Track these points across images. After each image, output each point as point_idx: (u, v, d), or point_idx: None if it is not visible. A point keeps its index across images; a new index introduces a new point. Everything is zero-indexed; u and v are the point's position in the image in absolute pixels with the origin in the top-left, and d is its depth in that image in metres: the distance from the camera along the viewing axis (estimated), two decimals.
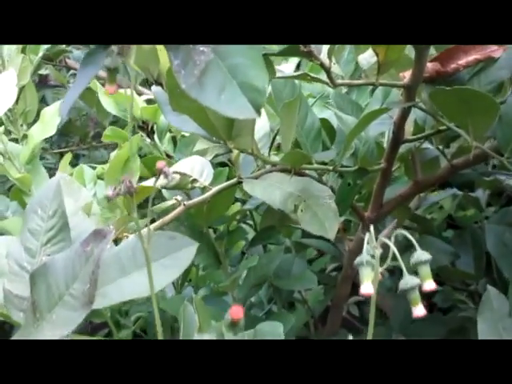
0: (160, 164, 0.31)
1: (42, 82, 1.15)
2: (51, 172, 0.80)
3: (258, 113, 0.30)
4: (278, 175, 0.56)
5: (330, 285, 0.87)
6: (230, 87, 0.30)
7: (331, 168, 0.58)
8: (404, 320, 0.79)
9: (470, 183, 0.66)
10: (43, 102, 1.44)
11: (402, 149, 0.68)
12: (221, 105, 0.30)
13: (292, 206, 0.51)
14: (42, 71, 1.14)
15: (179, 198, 0.58)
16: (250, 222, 0.86)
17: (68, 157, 0.68)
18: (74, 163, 1.46)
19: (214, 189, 0.54)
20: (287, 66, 0.63)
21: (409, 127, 0.66)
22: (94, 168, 0.67)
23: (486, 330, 0.49)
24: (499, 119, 0.45)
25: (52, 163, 1.25)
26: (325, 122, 0.61)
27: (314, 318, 0.87)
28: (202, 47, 0.31)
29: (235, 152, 0.55)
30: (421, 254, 0.35)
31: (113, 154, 0.67)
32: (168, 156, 0.70)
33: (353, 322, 1.10)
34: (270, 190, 0.53)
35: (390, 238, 0.80)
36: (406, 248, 0.78)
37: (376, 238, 0.80)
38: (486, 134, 0.46)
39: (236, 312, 0.37)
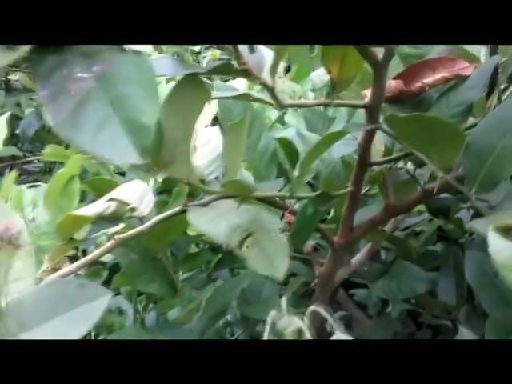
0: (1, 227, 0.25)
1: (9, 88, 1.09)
2: None
3: (143, 156, 0.24)
4: (229, 202, 0.50)
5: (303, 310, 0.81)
6: (111, 124, 0.24)
7: (287, 195, 0.52)
8: None
9: (446, 210, 0.60)
10: (18, 106, 1.39)
11: (375, 170, 0.63)
12: (97, 146, 0.24)
13: (237, 241, 0.45)
14: (12, 77, 1.09)
15: (121, 225, 0.52)
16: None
17: (12, 176, 0.62)
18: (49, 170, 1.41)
19: (155, 219, 0.48)
20: (239, 82, 0.57)
21: (380, 147, 0.60)
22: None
23: None
24: (466, 148, 0.39)
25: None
26: (285, 142, 0.55)
27: None
28: (80, 73, 0.25)
29: None
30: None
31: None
32: (121, 174, 0.64)
33: None
34: (216, 221, 0.47)
35: (363, 262, 0.74)
36: (379, 275, 0.73)
37: (348, 262, 0.74)
38: (452, 163, 0.40)
39: None
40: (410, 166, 0.57)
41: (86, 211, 0.48)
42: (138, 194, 0.49)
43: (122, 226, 0.51)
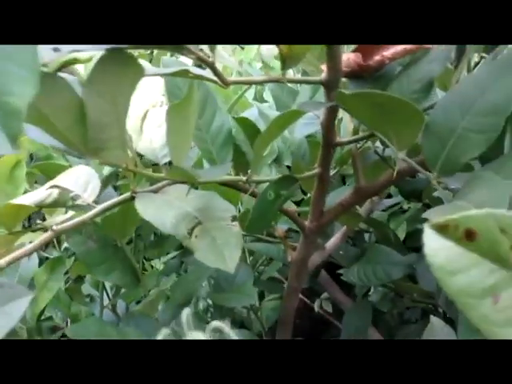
0: None
1: None
2: None
3: (14, 145, 0.20)
4: (181, 188, 0.46)
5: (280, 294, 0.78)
6: None
7: (244, 179, 0.48)
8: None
9: (418, 192, 0.56)
10: None
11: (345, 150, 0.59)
12: None
13: (185, 231, 0.41)
14: None
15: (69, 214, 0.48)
16: None
17: None
18: None
19: (99, 207, 0.44)
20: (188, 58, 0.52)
21: (349, 126, 0.56)
22: None
23: None
24: (426, 128, 0.35)
25: None
26: (244, 123, 0.51)
27: (265, 331, 0.78)
28: None
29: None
30: None
31: None
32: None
33: (327, 318, 1.04)
34: (164, 209, 0.43)
35: (339, 245, 0.71)
36: (354, 260, 0.69)
37: (322, 246, 0.70)
38: (412, 144, 0.36)
39: None
40: (380, 146, 0.53)
41: (25, 200, 0.45)
42: (82, 180, 0.45)
43: (68, 215, 0.47)
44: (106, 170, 0.61)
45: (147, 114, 0.48)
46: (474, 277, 0.20)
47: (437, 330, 0.46)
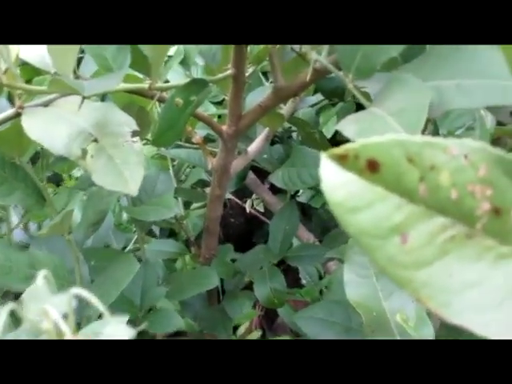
0: None
1: None
2: None
3: None
4: (76, 99, 0.41)
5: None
6: None
7: (147, 86, 0.43)
8: (282, 244, 0.69)
9: (340, 90, 0.52)
10: None
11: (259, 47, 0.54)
12: None
13: (79, 151, 0.37)
14: None
15: None
16: None
17: None
18: None
19: None
20: None
21: None
22: None
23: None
24: None
25: None
26: None
27: (190, 241, 0.76)
28: None
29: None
30: None
31: None
32: None
33: (257, 217, 1.04)
34: (54, 126, 0.38)
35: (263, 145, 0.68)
36: (279, 163, 0.67)
37: (245, 151, 0.67)
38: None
39: None
40: None
41: None
42: None
43: None
44: None
45: None
46: (379, 214, 0.17)
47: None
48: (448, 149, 0.16)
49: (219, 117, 0.73)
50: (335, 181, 0.17)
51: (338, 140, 0.73)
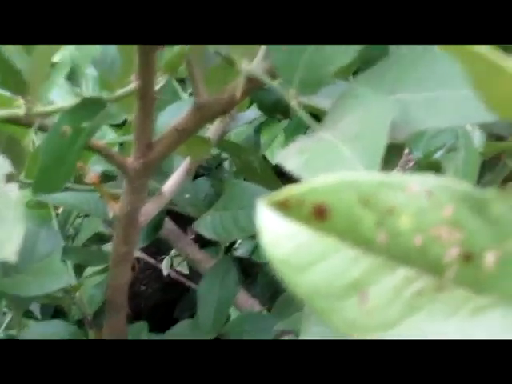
0: None
1: None
2: None
3: None
4: None
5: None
6: None
7: (23, 112, 0.46)
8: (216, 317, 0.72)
9: (283, 105, 0.56)
10: None
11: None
12: None
13: None
14: None
15: None
16: None
17: None
18: None
19: None
20: None
21: None
22: None
23: None
24: None
25: None
26: None
27: (86, 320, 0.78)
28: None
29: None
30: None
31: None
32: None
33: (179, 281, 1.06)
34: None
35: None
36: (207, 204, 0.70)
37: (158, 191, 0.70)
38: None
39: None
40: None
41: None
42: None
43: None
44: None
45: None
46: (332, 270, 0.20)
47: None
48: (407, 188, 0.20)
49: (121, 145, 0.75)
50: (277, 234, 0.20)
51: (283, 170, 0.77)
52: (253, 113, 0.72)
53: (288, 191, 0.20)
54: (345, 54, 0.34)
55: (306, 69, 0.35)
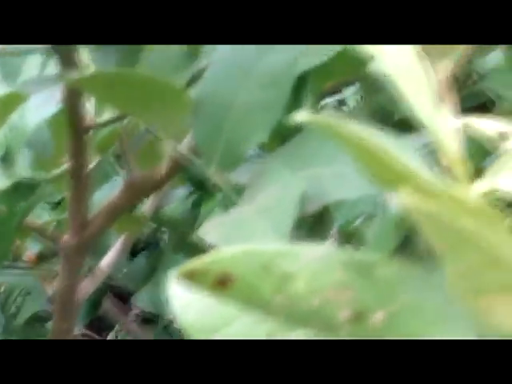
0: None
1: None
2: None
3: None
4: None
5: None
6: None
7: None
8: None
9: (209, 180, 0.59)
10: None
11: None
12: None
13: None
14: None
15: None
16: None
17: None
18: None
19: None
20: None
21: None
22: None
23: None
24: (195, 108, 0.38)
25: None
26: None
27: None
28: None
29: None
30: None
31: None
32: None
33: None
34: None
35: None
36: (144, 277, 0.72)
37: (96, 268, 0.72)
38: (182, 129, 0.38)
39: None
40: None
41: None
42: None
43: None
44: None
45: None
46: (236, 333, 0.22)
47: None
48: (302, 255, 0.22)
49: (58, 223, 0.76)
50: (185, 301, 0.22)
51: None
52: (188, 188, 0.74)
53: (194, 262, 0.22)
54: (261, 131, 0.37)
55: (225, 146, 0.37)
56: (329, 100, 1.17)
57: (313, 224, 0.60)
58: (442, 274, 0.20)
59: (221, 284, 0.22)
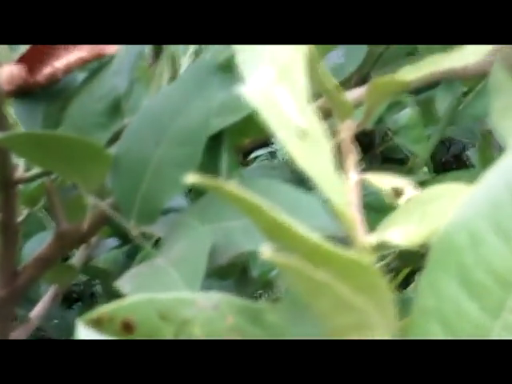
0: None
1: None
2: None
3: None
4: None
5: None
6: None
7: None
8: None
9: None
10: None
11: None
12: None
13: None
14: None
15: None
16: None
17: None
18: None
19: None
20: None
21: None
22: None
23: None
24: (114, 164, 0.40)
25: None
26: None
27: None
28: None
29: None
30: None
31: None
32: None
33: None
34: None
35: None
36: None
37: (26, 318, 0.73)
38: (101, 185, 0.41)
39: None
40: None
41: None
42: None
43: None
44: None
45: None
46: None
47: None
48: (197, 302, 0.24)
49: None
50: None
51: None
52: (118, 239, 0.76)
53: (102, 309, 0.25)
54: (176, 187, 0.40)
55: (142, 201, 0.40)
56: (260, 152, 1.21)
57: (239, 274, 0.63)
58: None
59: (125, 329, 0.24)
